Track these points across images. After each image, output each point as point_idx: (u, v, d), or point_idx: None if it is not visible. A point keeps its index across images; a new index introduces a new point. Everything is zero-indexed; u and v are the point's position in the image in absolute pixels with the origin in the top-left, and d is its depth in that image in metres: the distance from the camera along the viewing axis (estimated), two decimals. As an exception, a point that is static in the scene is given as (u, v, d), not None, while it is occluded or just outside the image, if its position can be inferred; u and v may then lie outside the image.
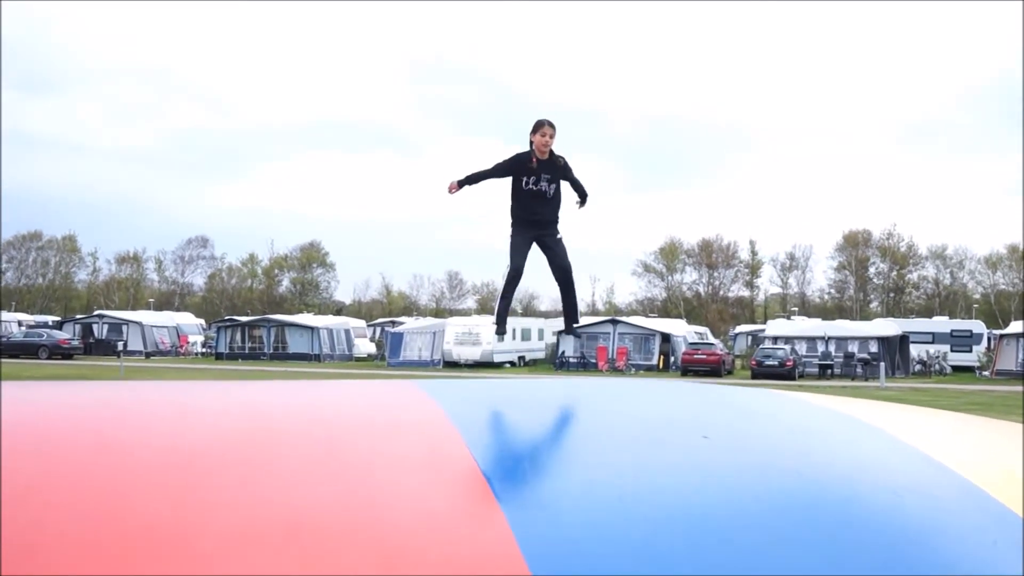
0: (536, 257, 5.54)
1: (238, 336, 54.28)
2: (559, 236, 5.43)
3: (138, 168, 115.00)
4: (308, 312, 71.63)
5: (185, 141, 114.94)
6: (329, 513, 2.10)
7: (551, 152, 5.17)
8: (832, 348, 43.79)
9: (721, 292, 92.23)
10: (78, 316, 66.07)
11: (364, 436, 2.75)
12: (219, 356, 52.97)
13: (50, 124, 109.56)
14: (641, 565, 2.08)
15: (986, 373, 42.15)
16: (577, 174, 5.43)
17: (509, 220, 5.39)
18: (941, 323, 54.11)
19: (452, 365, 45.84)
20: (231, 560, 1.89)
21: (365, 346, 56.97)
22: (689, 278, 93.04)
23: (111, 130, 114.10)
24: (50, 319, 65.73)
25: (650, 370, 45.13)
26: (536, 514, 2.22)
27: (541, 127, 5.09)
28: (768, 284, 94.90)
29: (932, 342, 49.16)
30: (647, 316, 65.79)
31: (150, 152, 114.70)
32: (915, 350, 46.16)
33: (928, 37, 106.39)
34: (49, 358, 46.64)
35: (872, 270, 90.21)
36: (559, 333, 47.96)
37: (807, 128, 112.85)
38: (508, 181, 5.29)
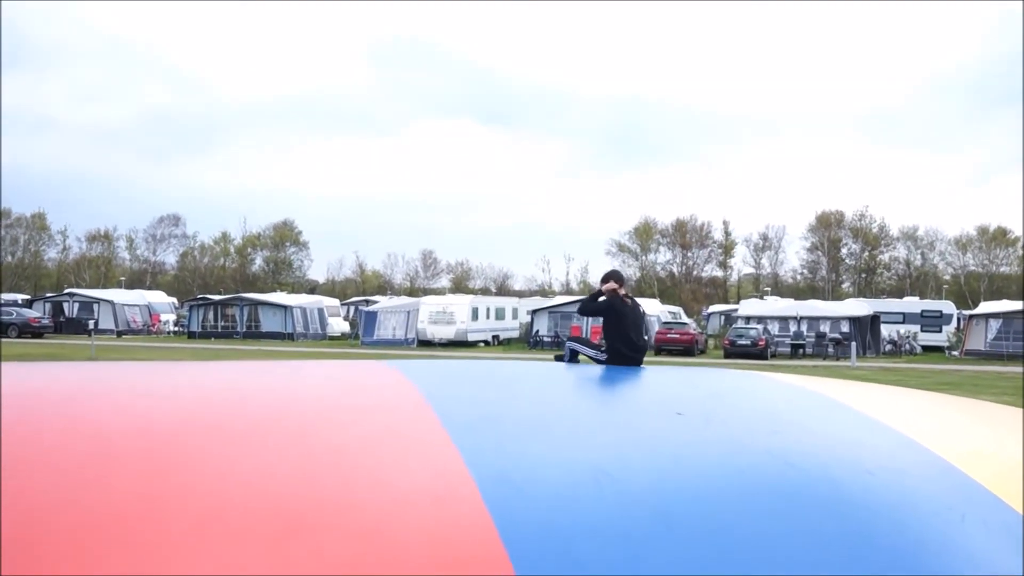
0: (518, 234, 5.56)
1: (211, 315, 53.83)
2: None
3: (109, 145, 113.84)
4: (281, 291, 71.03)
5: (156, 118, 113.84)
6: (304, 494, 2.10)
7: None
8: (804, 328, 44.06)
9: (695, 272, 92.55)
10: (48, 295, 65.12)
11: (339, 417, 2.75)
12: (191, 335, 52.51)
13: (16, 98, 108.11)
14: (615, 543, 2.10)
15: (955, 353, 42.52)
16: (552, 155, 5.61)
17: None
18: (912, 303, 54.51)
19: (426, 344, 45.75)
20: (205, 540, 1.89)
21: (339, 325, 56.61)
22: (663, 258, 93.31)
23: (81, 106, 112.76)
24: (20, 297, 64.73)
25: (624, 349, 45.12)
26: (512, 493, 2.23)
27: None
28: (741, 264, 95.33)
29: (903, 322, 49.59)
30: (621, 296, 65.85)
31: (121, 129, 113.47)
32: (886, 330, 46.50)
33: (898, 28, 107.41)
34: (19, 337, 46.06)
35: (844, 251, 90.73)
36: (533, 312, 47.92)
37: (781, 110, 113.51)
38: None
